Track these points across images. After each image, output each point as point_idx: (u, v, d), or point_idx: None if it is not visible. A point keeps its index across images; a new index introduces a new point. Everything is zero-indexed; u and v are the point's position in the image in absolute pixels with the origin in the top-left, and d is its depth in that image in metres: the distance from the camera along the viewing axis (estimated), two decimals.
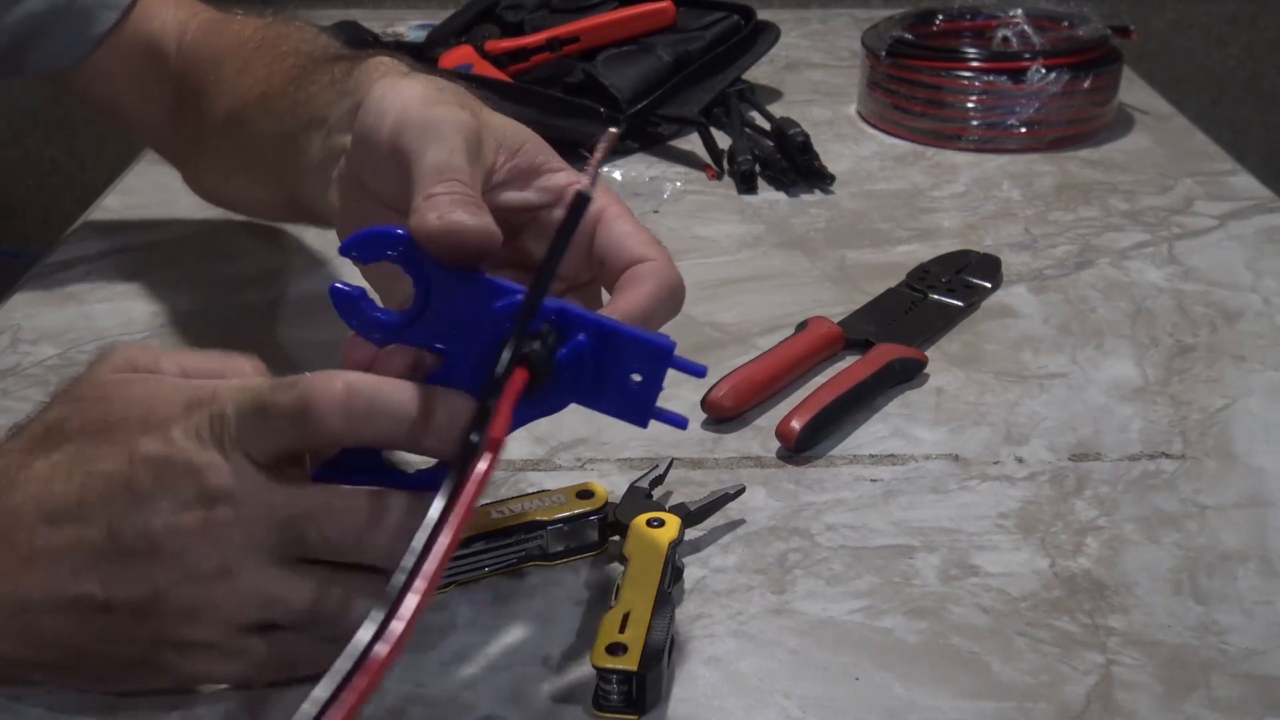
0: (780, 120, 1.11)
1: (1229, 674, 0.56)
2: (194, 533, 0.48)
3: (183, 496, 0.48)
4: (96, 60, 0.84)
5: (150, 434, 0.49)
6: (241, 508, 0.48)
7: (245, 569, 0.49)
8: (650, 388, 0.52)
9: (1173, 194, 1.07)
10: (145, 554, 0.48)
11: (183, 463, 0.48)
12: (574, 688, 0.55)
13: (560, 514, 0.62)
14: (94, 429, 0.50)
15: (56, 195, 2.13)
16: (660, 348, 0.51)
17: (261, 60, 0.74)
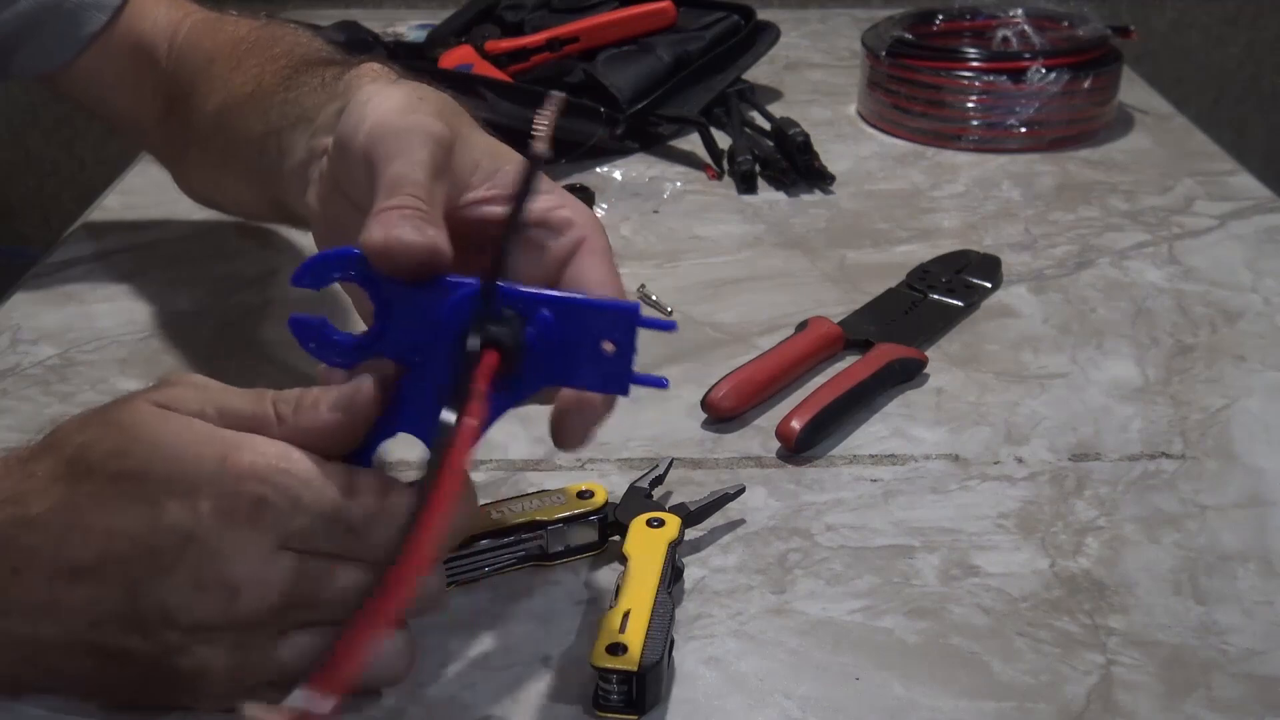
0: (780, 120, 1.11)
1: (1229, 674, 0.56)
2: (212, 614, 0.48)
3: (204, 579, 0.48)
4: (86, 61, 0.84)
5: (176, 499, 0.48)
6: (259, 599, 0.48)
7: (258, 644, 0.49)
8: (624, 354, 0.52)
9: (1173, 194, 1.07)
10: (161, 622, 0.48)
11: (209, 547, 0.48)
12: (574, 688, 0.55)
13: (560, 514, 0.62)
14: (115, 470, 0.49)
15: (56, 195, 2.13)
16: (626, 309, 0.51)
17: (254, 59, 0.74)
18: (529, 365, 0.50)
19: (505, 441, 0.72)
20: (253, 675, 0.50)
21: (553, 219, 0.56)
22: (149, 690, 0.51)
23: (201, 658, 0.49)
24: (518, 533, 0.61)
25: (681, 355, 0.81)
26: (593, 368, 0.52)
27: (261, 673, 0.50)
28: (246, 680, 0.50)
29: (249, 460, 0.48)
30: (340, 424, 0.50)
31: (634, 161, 1.13)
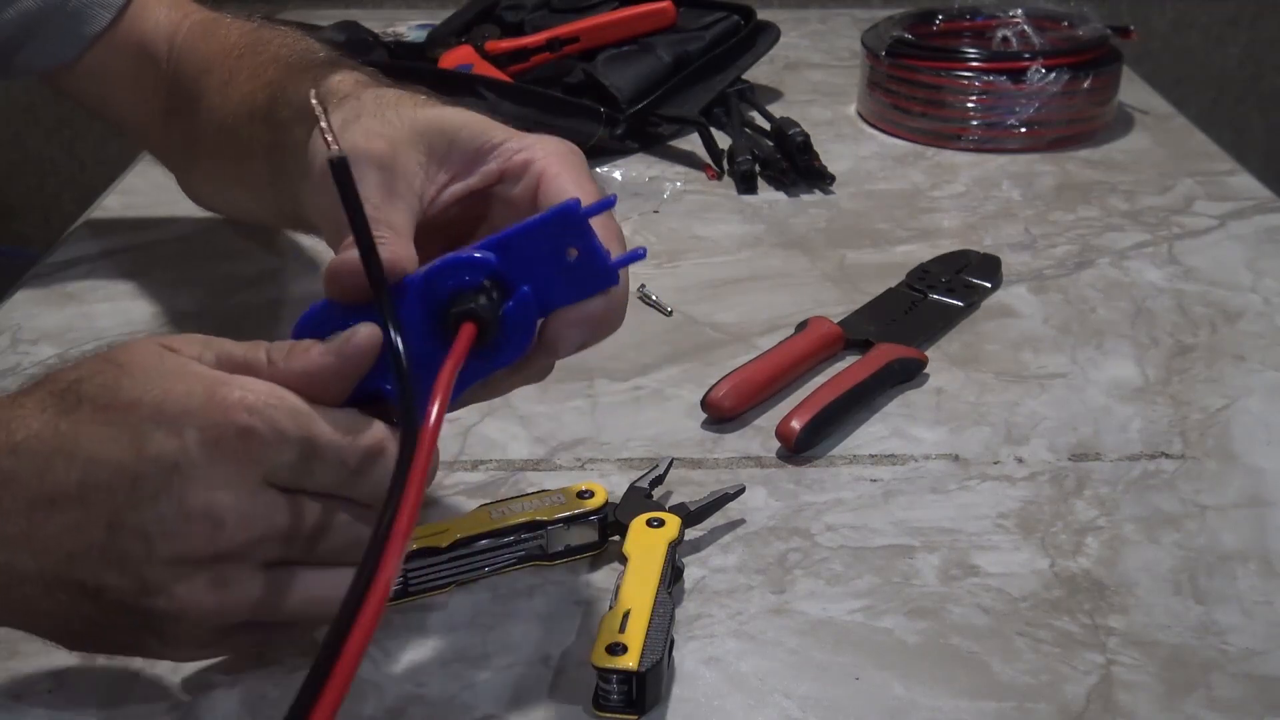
0: (780, 120, 1.11)
1: (1229, 674, 0.56)
2: (194, 545, 0.48)
3: (188, 509, 0.47)
4: (90, 60, 0.84)
5: (163, 428, 0.47)
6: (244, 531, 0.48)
7: (239, 579, 0.49)
8: (588, 249, 0.51)
9: (1173, 194, 1.07)
10: (142, 556, 0.48)
11: (195, 476, 0.47)
12: (574, 688, 0.55)
13: (560, 514, 0.62)
14: (106, 401, 0.48)
15: (56, 195, 2.13)
16: (561, 211, 0.51)
17: (244, 70, 0.74)
18: (507, 333, 0.51)
19: (505, 441, 0.72)
20: (230, 614, 0.49)
21: (511, 168, 0.57)
22: (120, 633, 0.50)
23: (179, 596, 0.48)
24: (518, 533, 0.61)
25: (681, 355, 0.81)
26: (571, 279, 0.52)
27: (238, 612, 0.49)
28: (225, 618, 0.49)
29: (238, 394, 0.48)
30: (331, 367, 0.50)
31: (634, 161, 1.13)
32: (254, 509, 0.48)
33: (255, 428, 0.47)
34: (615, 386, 0.78)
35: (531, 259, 0.51)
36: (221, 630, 0.50)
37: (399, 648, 0.57)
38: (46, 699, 0.55)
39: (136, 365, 0.49)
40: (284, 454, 0.48)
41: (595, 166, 1.10)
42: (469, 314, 0.50)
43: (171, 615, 0.48)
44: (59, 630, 0.51)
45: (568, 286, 0.52)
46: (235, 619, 0.50)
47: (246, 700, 0.54)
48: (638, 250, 0.53)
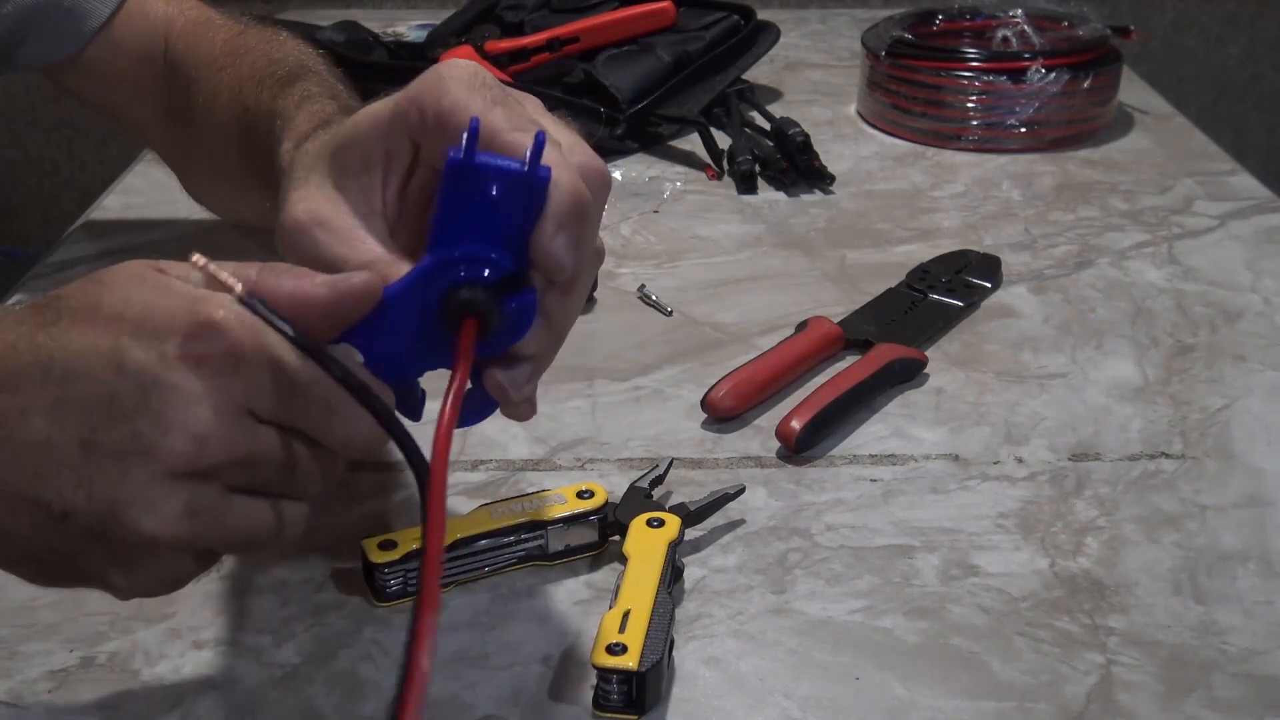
0: (780, 120, 1.11)
1: (1229, 674, 0.56)
2: (172, 466, 0.46)
3: (167, 424, 0.45)
4: (90, 57, 0.84)
5: (142, 343, 0.46)
6: (224, 451, 0.46)
7: (211, 504, 0.47)
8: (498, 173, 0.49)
9: (1173, 194, 1.07)
10: (116, 477, 0.46)
11: (175, 392, 0.45)
12: (574, 688, 0.55)
13: (560, 514, 0.62)
14: (86, 315, 0.47)
15: (56, 195, 2.14)
16: (449, 166, 0.49)
17: (225, 85, 0.74)
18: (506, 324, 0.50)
19: (505, 441, 0.72)
20: (201, 541, 0.47)
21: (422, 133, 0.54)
22: (84, 560, 0.48)
23: (152, 521, 0.46)
24: (518, 533, 0.61)
25: (681, 355, 0.81)
26: (515, 206, 0.50)
27: (209, 539, 0.47)
28: (195, 545, 0.47)
29: (221, 314, 0.46)
30: (322, 299, 0.49)
31: (634, 161, 1.13)
32: (232, 431, 0.46)
33: (238, 348, 0.46)
34: (615, 386, 0.78)
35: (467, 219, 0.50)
36: (186, 562, 0.48)
37: (399, 647, 0.57)
38: (46, 699, 0.55)
39: (120, 282, 0.48)
40: (265, 382, 0.47)
41: None
42: (470, 310, 0.49)
43: (142, 542, 0.47)
44: (19, 554, 0.49)
45: (517, 216, 0.50)
46: (204, 546, 0.48)
47: (246, 700, 0.55)
48: (538, 135, 0.50)
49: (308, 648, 0.57)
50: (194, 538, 0.47)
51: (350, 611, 0.60)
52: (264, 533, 0.49)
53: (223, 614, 0.59)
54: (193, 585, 0.60)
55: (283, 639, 0.58)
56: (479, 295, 0.49)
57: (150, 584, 0.49)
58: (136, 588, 0.49)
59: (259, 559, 0.63)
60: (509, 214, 0.50)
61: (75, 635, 0.58)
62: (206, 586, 0.61)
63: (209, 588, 0.61)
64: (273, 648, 0.57)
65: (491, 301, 0.49)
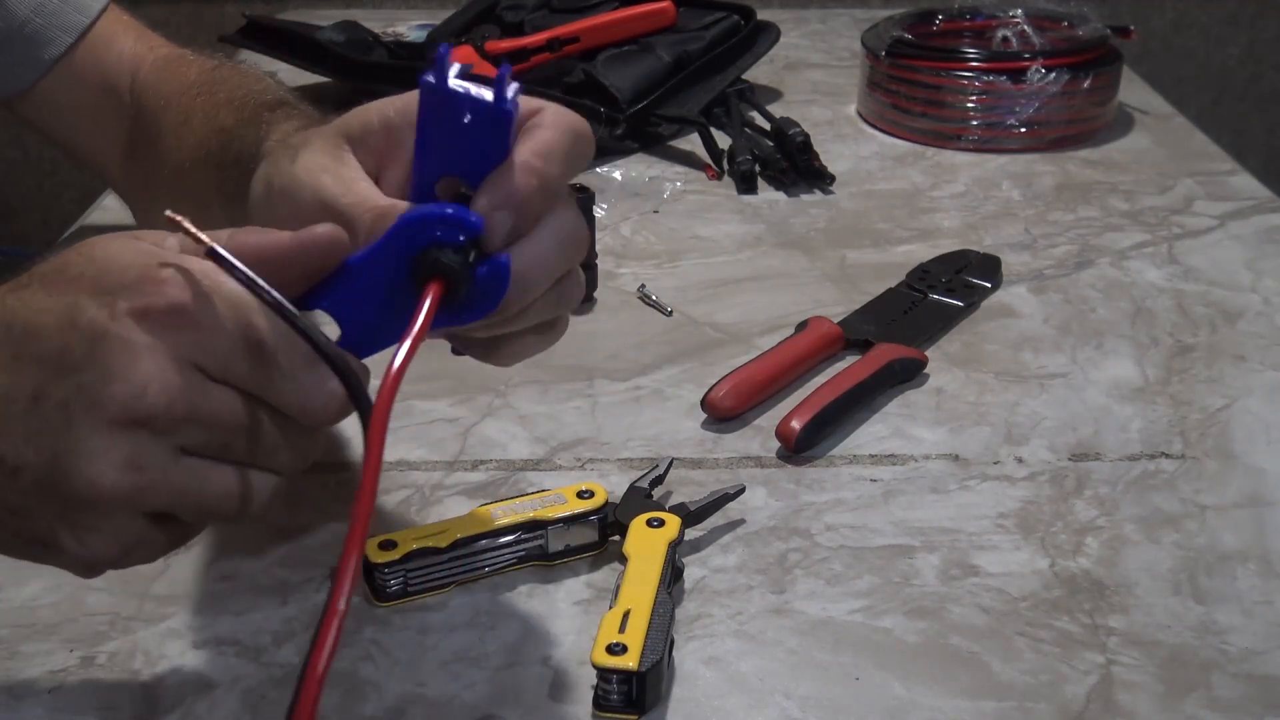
0: (780, 120, 1.11)
1: (1229, 674, 0.56)
2: (112, 414, 0.46)
3: (109, 373, 0.46)
4: (48, 87, 0.82)
5: (97, 300, 0.46)
6: (165, 401, 0.46)
7: (156, 459, 0.47)
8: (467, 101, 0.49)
9: (1173, 194, 1.07)
10: (60, 426, 0.46)
11: (119, 344, 0.46)
12: (574, 688, 0.55)
13: (560, 514, 0.62)
14: (52, 278, 0.48)
15: (56, 195, 2.13)
16: (422, 88, 0.49)
17: (199, 112, 0.73)
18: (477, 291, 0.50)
19: (505, 441, 0.72)
20: (146, 497, 0.47)
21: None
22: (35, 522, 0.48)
23: (94, 470, 0.46)
24: (518, 533, 0.61)
25: (681, 355, 0.81)
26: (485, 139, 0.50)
27: (154, 497, 0.47)
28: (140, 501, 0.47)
29: (169, 271, 0.47)
30: (284, 246, 0.49)
31: (634, 161, 1.13)
32: (176, 383, 0.46)
33: (184, 303, 0.46)
34: (615, 386, 0.78)
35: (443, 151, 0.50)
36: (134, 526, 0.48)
37: (399, 648, 0.57)
38: (46, 699, 0.55)
39: (90, 246, 0.49)
40: (214, 337, 0.47)
41: (595, 166, 1.10)
42: (439, 270, 0.49)
43: (86, 496, 0.46)
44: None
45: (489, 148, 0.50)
46: (150, 505, 0.47)
47: (246, 700, 0.55)
48: (501, 68, 0.50)
49: (308, 647, 0.57)
50: (137, 491, 0.47)
51: (350, 611, 0.59)
52: (222, 499, 0.48)
53: (223, 614, 0.59)
54: (193, 585, 0.61)
55: (283, 639, 0.58)
56: (448, 256, 0.49)
57: (102, 549, 0.48)
58: (89, 553, 0.48)
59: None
60: (481, 146, 0.50)
61: (75, 635, 0.58)
62: (206, 586, 0.61)
63: (209, 588, 0.61)
64: (273, 648, 0.57)
65: (462, 264, 0.49)
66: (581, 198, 0.85)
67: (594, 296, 0.88)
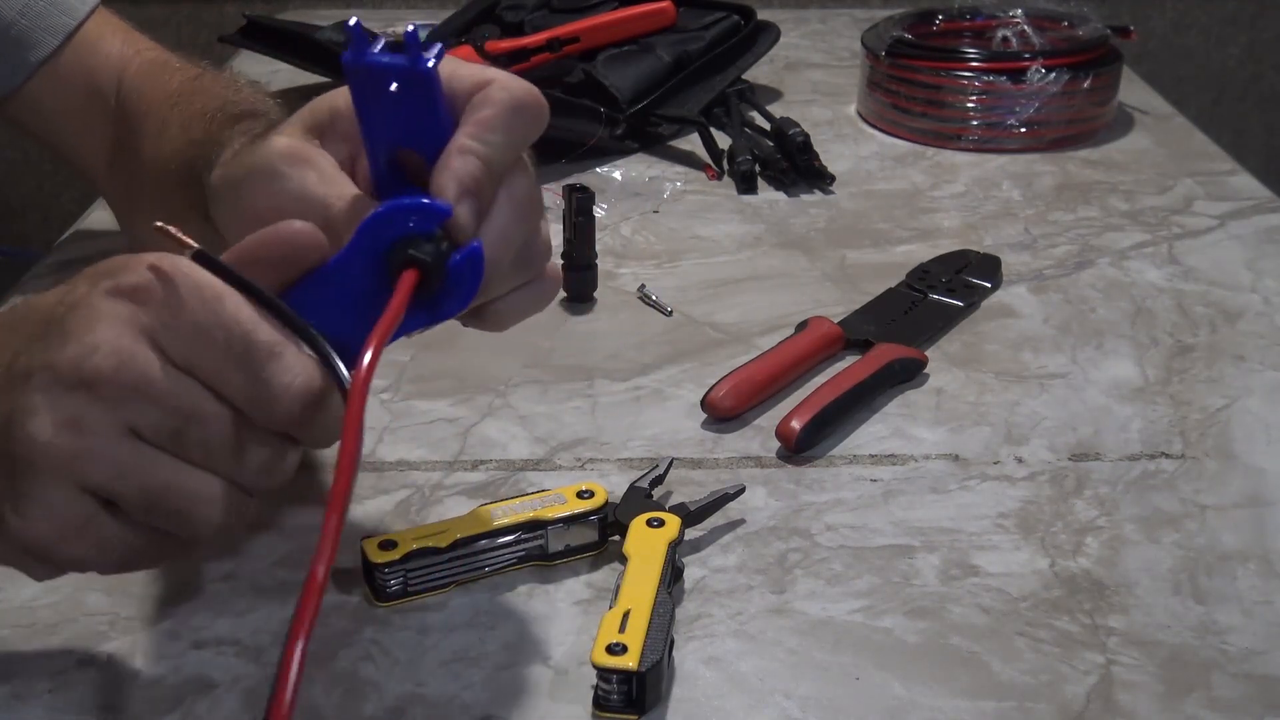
0: (780, 120, 1.11)
1: (1229, 674, 0.56)
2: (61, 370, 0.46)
3: (66, 334, 0.46)
4: (35, 89, 0.82)
5: (85, 282, 0.48)
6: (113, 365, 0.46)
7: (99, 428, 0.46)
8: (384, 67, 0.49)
9: (1173, 194, 1.07)
10: (18, 388, 0.47)
11: (86, 312, 0.47)
12: (574, 688, 0.55)
13: (560, 514, 0.62)
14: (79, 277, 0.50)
15: (56, 195, 2.13)
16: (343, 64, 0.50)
17: (176, 121, 0.73)
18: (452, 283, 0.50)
19: (505, 441, 0.72)
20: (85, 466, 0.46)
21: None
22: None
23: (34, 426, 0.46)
24: (518, 533, 0.61)
25: (681, 355, 0.81)
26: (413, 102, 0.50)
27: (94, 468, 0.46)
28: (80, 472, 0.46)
29: (151, 258, 0.48)
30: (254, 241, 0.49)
31: (634, 161, 1.13)
32: (129, 350, 0.46)
33: (148, 284, 0.47)
34: (615, 386, 0.78)
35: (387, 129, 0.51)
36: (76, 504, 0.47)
37: (399, 648, 0.57)
38: (46, 699, 0.55)
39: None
40: (178, 318, 0.47)
41: (596, 166, 1.10)
42: (413, 261, 0.49)
43: (23, 454, 0.46)
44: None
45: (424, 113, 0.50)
46: (90, 476, 0.47)
47: (246, 700, 0.55)
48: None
49: (308, 647, 0.57)
50: (74, 456, 0.46)
51: (350, 611, 0.60)
52: (169, 493, 0.47)
53: (223, 614, 0.59)
54: (193, 585, 0.61)
55: (283, 639, 0.58)
56: (420, 246, 0.49)
57: (40, 523, 0.47)
58: (27, 527, 0.47)
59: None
60: (414, 112, 0.50)
61: (75, 635, 0.58)
62: (206, 586, 0.61)
63: (208, 588, 0.61)
64: (273, 648, 0.57)
65: (435, 252, 0.49)
66: (581, 198, 0.85)
67: (594, 296, 0.88)
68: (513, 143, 0.52)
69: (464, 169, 0.51)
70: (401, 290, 0.48)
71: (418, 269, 0.49)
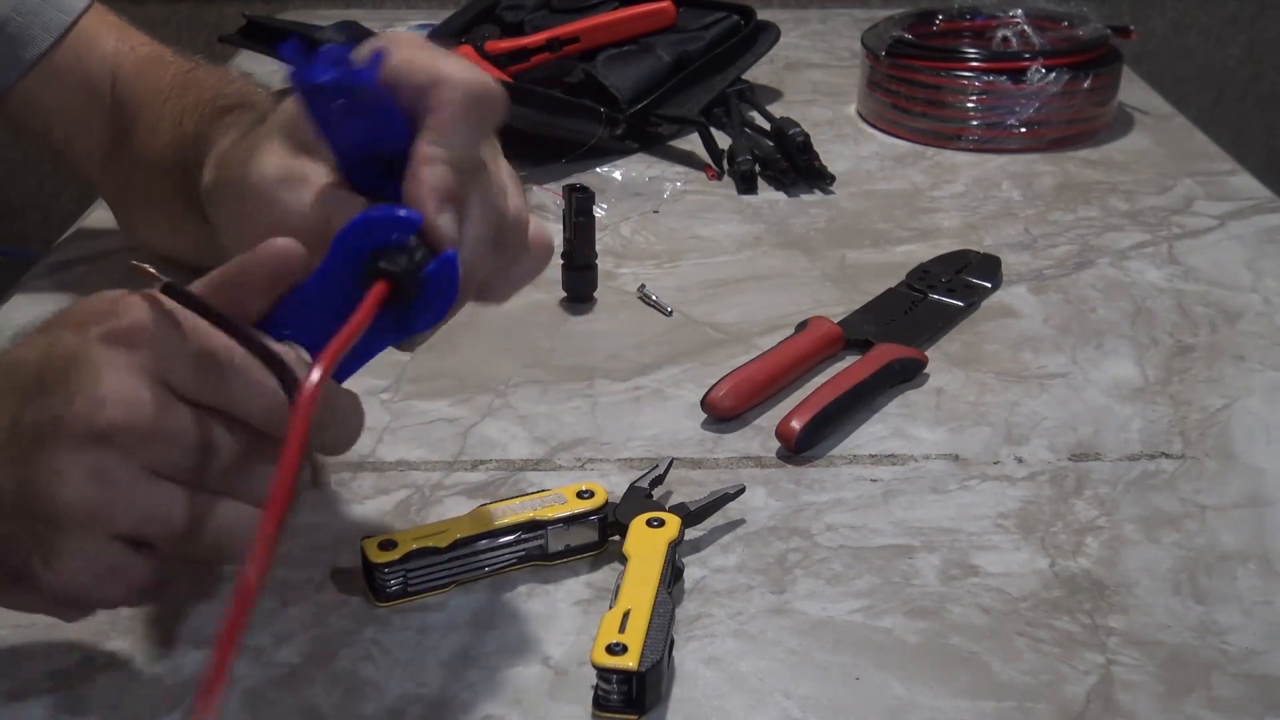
0: (780, 120, 1.11)
1: (1229, 674, 0.56)
2: (75, 429, 0.46)
3: (73, 391, 0.47)
4: (30, 86, 0.81)
5: (71, 329, 0.48)
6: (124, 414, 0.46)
7: (121, 476, 0.47)
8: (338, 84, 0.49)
9: (1173, 194, 1.07)
10: (30, 448, 0.47)
11: (88, 365, 0.47)
12: (574, 688, 0.55)
13: (560, 514, 0.62)
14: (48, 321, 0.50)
15: (56, 195, 2.14)
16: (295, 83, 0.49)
17: (168, 117, 0.73)
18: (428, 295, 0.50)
19: (505, 441, 0.72)
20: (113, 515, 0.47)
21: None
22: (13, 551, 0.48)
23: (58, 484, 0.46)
24: (518, 533, 0.61)
25: (681, 355, 0.81)
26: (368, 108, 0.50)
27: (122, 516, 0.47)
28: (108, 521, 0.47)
29: (136, 298, 0.48)
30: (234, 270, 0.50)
31: (634, 161, 1.13)
32: (137, 396, 0.46)
33: (144, 323, 0.47)
34: (615, 386, 0.78)
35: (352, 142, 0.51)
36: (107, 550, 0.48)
37: (399, 648, 0.57)
38: (46, 699, 0.55)
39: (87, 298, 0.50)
40: (176, 356, 0.47)
41: (595, 166, 1.10)
42: (383, 273, 0.49)
43: (51, 513, 0.47)
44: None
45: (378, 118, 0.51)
46: (118, 524, 0.47)
47: (247, 700, 0.55)
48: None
49: (308, 648, 0.57)
50: (102, 507, 0.46)
51: (350, 611, 0.60)
52: (203, 527, 0.48)
53: (223, 614, 0.59)
54: (193, 585, 0.61)
55: (283, 639, 0.58)
56: (392, 258, 0.49)
57: (73, 575, 0.48)
58: (60, 581, 0.48)
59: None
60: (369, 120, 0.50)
61: (75, 635, 0.58)
62: (206, 586, 0.61)
63: (208, 588, 0.61)
64: (273, 648, 0.57)
65: (408, 263, 0.49)
66: (581, 198, 0.85)
67: (594, 296, 0.88)
68: (475, 140, 0.52)
69: (435, 178, 0.50)
70: (367, 303, 0.48)
71: (390, 281, 0.49)
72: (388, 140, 0.51)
